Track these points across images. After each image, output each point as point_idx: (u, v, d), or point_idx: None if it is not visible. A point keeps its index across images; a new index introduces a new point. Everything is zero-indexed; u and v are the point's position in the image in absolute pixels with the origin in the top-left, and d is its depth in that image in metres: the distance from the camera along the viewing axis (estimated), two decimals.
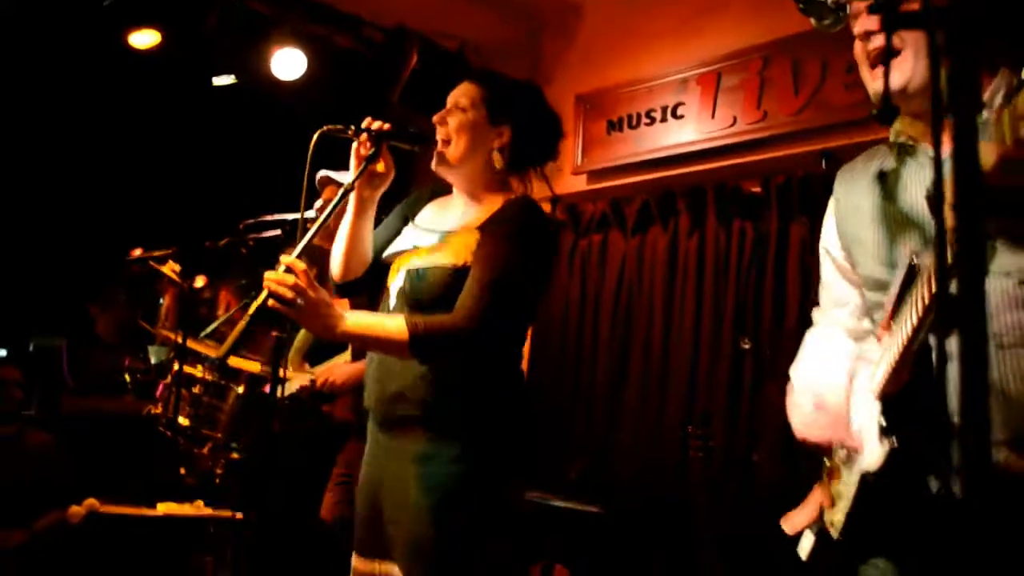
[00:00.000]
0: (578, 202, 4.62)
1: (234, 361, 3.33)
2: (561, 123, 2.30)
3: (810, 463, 1.83)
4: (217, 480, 3.35)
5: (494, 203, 2.15)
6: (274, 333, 2.01)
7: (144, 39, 4.09)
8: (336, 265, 2.26)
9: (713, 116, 4.02)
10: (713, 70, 4.05)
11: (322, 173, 3.37)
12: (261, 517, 3.21)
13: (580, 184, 4.61)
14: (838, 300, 1.82)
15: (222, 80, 4.27)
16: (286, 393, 2.93)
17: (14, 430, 3.93)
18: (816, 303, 1.92)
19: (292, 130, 4.54)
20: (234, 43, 4.21)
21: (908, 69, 1.51)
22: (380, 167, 2.20)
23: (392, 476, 2.07)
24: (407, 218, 2.31)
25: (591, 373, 4.38)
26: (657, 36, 4.38)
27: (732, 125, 3.95)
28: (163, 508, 3.04)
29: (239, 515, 3.06)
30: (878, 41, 1.53)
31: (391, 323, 1.95)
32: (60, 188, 4.72)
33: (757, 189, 3.93)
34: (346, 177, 3.36)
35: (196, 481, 3.36)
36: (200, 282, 4.32)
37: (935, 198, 0.82)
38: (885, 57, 1.05)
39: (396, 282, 2.15)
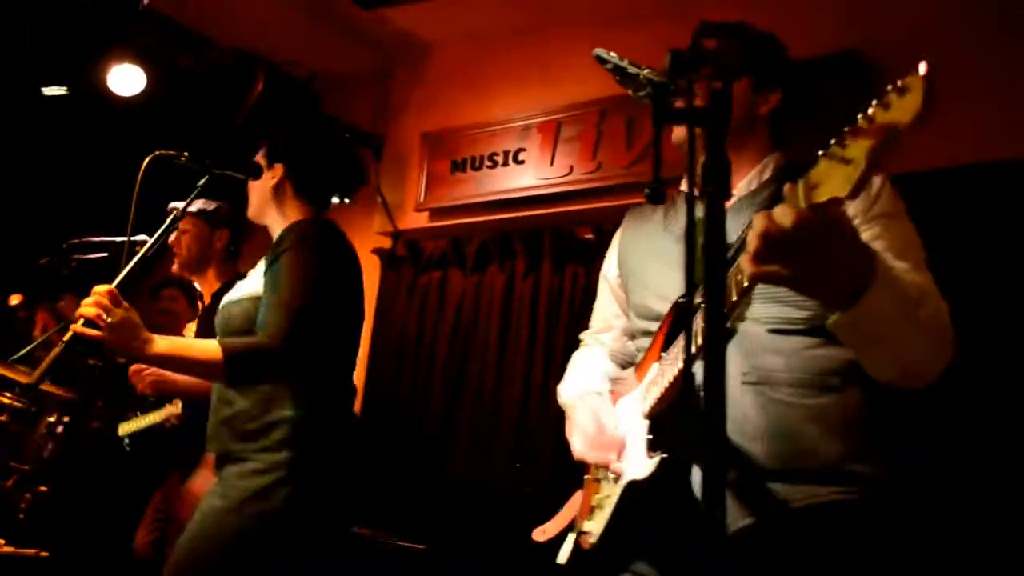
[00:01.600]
0: (420, 238, 4.68)
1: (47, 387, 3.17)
2: (345, 156, 2.48)
3: None
4: (21, 515, 3.15)
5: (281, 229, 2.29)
6: (91, 361, 1.95)
7: None
8: None
9: (552, 163, 4.19)
10: (554, 119, 4.23)
11: (172, 204, 3.28)
12: (69, 554, 3.04)
13: (422, 220, 4.67)
14: (607, 324, 2.05)
15: (53, 90, 4.07)
16: (148, 423, 2.82)
17: None
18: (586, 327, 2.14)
19: (127, 147, 4.42)
20: (70, 52, 4.02)
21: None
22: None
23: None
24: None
25: (425, 407, 4.42)
26: (502, 82, 4.53)
27: (569, 173, 4.13)
28: None
29: (44, 553, 2.89)
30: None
31: (204, 344, 2.02)
32: None
33: (590, 236, 4.11)
34: (194, 206, 3.31)
35: None
36: (15, 300, 4.08)
37: (688, 262, 0.96)
38: (656, 147, 1.18)
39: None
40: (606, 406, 1.81)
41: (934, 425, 2.66)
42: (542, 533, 2.54)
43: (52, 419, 3.19)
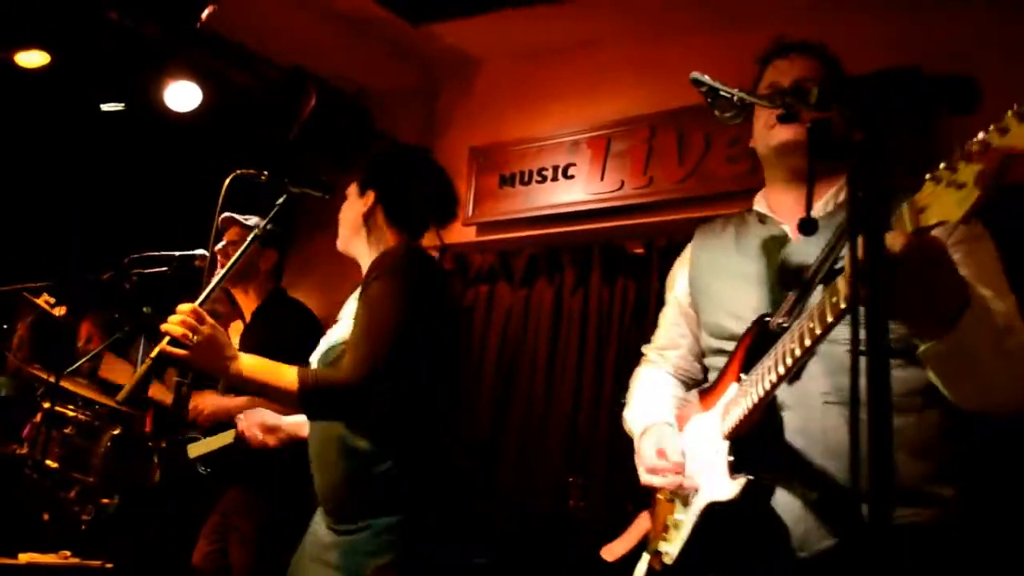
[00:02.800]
0: (467, 252, 4.70)
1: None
2: (439, 183, 2.39)
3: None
4: (83, 527, 3.19)
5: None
6: (175, 379, 1.97)
7: (32, 59, 3.93)
8: None
9: (602, 178, 4.20)
10: (603, 135, 4.24)
11: (227, 214, 3.32)
12: (132, 566, 3.08)
13: (470, 235, 4.70)
14: (673, 342, 2.05)
15: (111, 107, 4.14)
16: (210, 450, 2.85)
17: None
18: (647, 341, 2.14)
19: (183, 162, 4.50)
20: (127, 71, 4.10)
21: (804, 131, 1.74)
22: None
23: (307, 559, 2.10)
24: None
25: (471, 421, 4.43)
26: (552, 97, 4.55)
27: (619, 188, 4.14)
28: (26, 558, 2.86)
29: (109, 564, 2.92)
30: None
31: (286, 371, 1.97)
32: None
33: (640, 250, 4.11)
34: (250, 220, 3.34)
35: (61, 528, 3.19)
36: (59, 311, 4.14)
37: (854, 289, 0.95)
38: (810, 179, 1.19)
39: None
40: (671, 433, 1.82)
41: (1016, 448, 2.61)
42: (610, 552, 2.54)
43: (116, 432, 3.23)
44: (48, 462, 3.14)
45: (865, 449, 1.53)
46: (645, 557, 1.90)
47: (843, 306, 1.31)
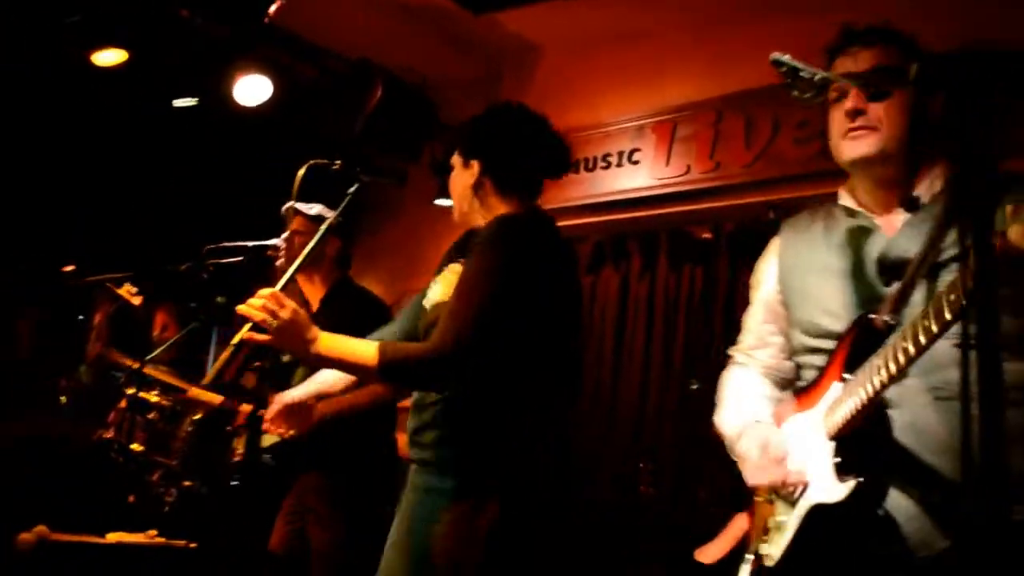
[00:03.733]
0: None
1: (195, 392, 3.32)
2: (541, 131, 2.22)
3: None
4: (166, 508, 3.29)
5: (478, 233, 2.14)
6: (256, 364, 2.01)
7: (108, 57, 4.06)
8: None
9: (668, 163, 4.18)
10: (669, 119, 4.21)
11: (290, 204, 3.37)
12: (212, 547, 3.17)
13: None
14: (762, 341, 1.96)
15: (184, 102, 4.25)
16: (274, 442, 2.92)
17: None
18: (733, 343, 2.06)
19: (254, 155, 4.60)
20: (198, 66, 4.20)
21: (879, 142, 1.70)
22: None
23: (400, 514, 2.07)
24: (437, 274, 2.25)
25: None
26: (615, 83, 4.53)
27: (686, 173, 4.11)
28: (114, 537, 2.97)
29: (192, 544, 3.02)
30: (864, 119, 1.70)
31: (364, 347, 1.94)
32: (8, 204, 4.61)
33: (708, 235, 4.08)
34: (312, 209, 3.40)
35: (147, 509, 3.30)
36: (136, 301, 4.26)
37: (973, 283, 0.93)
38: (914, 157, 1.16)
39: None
40: (771, 430, 1.78)
41: None
42: (705, 555, 2.51)
43: (197, 416, 3.33)
44: (133, 446, 3.26)
45: (978, 445, 1.52)
46: (748, 559, 1.85)
47: (964, 303, 1.28)
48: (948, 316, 1.31)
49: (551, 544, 2.02)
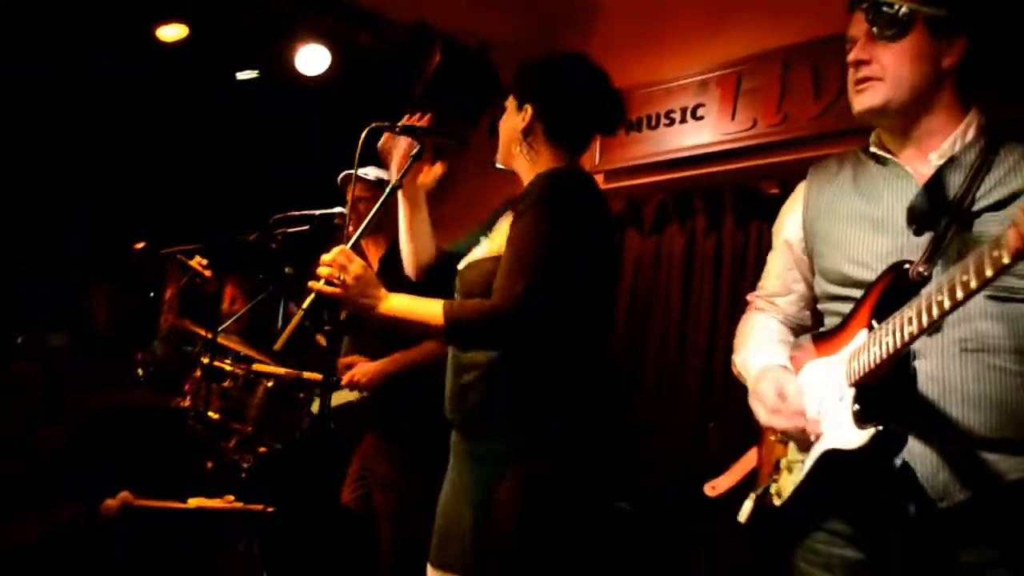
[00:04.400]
0: None
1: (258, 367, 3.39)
2: (600, 83, 2.21)
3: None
4: (243, 474, 3.38)
5: (527, 181, 2.15)
6: (326, 327, 2.04)
7: (171, 32, 4.12)
8: (408, 266, 2.33)
9: (733, 118, 4.07)
10: (733, 72, 4.09)
11: (351, 172, 3.40)
12: (288, 509, 3.25)
13: (598, 183, 4.64)
14: (785, 288, 1.93)
15: (246, 75, 4.30)
16: (345, 401, 2.96)
17: (25, 425, 3.95)
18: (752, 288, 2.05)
19: (317, 125, 4.63)
20: (258, 39, 4.24)
21: (885, 92, 1.67)
22: (431, 166, 2.23)
23: (452, 482, 2.10)
24: (485, 232, 2.27)
25: None
26: (676, 37, 4.42)
27: (752, 127, 4.00)
28: (195, 502, 3.07)
29: (270, 508, 3.10)
30: (866, 71, 1.69)
31: (429, 306, 1.95)
32: (80, 181, 4.74)
33: (776, 191, 3.97)
34: (369, 174, 3.41)
35: (224, 475, 3.40)
36: (207, 273, 4.35)
37: None
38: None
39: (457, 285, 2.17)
40: (788, 376, 1.74)
41: None
42: (712, 488, 2.50)
43: (270, 384, 3.40)
44: (210, 414, 3.34)
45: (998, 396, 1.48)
46: (752, 496, 1.85)
47: (1007, 261, 1.23)
48: (989, 272, 1.25)
49: (600, 508, 2.03)
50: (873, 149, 1.77)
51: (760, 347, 1.90)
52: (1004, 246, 1.22)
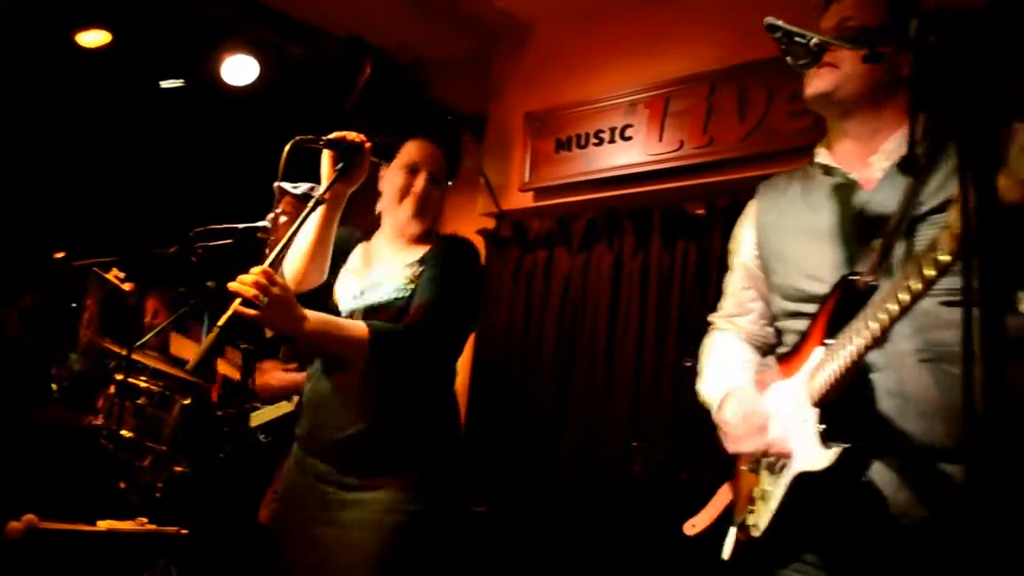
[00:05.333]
0: (524, 218, 4.67)
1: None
2: None
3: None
4: (158, 494, 3.27)
5: (425, 243, 2.35)
6: (243, 345, 1.99)
7: (93, 38, 3.99)
8: (293, 272, 2.25)
9: (660, 139, 4.13)
10: (661, 94, 4.16)
11: (277, 184, 3.33)
12: (203, 531, 3.15)
13: (527, 201, 4.67)
14: (742, 307, 1.94)
15: (170, 83, 4.19)
16: (270, 418, 2.90)
17: None
18: (714, 310, 2.05)
19: (242, 136, 4.54)
20: (184, 47, 4.14)
21: (835, 80, 1.69)
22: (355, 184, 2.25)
23: (330, 516, 2.14)
24: (338, 260, 2.38)
25: (534, 387, 4.42)
26: (607, 58, 4.47)
27: (679, 148, 4.06)
28: (105, 525, 2.94)
29: (184, 531, 3.00)
30: (824, 59, 1.65)
31: (352, 324, 2.10)
32: None
33: (702, 211, 4.03)
34: (299, 189, 3.35)
35: (137, 496, 3.28)
36: (127, 287, 4.23)
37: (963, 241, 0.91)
38: (914, 110, 1.12)
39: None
40: (752, 397, 1.75)
41: None
42: (692, 527, 2.50)
43: (186, 402, 3.30)
44: (123, 432, 3.23)
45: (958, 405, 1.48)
46: (732, 531, 1.84)
47: (946, 260, 1.24)
48: (931, 274, 1.27)
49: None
50: (819, 160, 1.79)
51: (719, 371, 1.90)
52: (941, 248, 1.24)
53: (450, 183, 2.42)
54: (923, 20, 1.02)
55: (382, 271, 2.31)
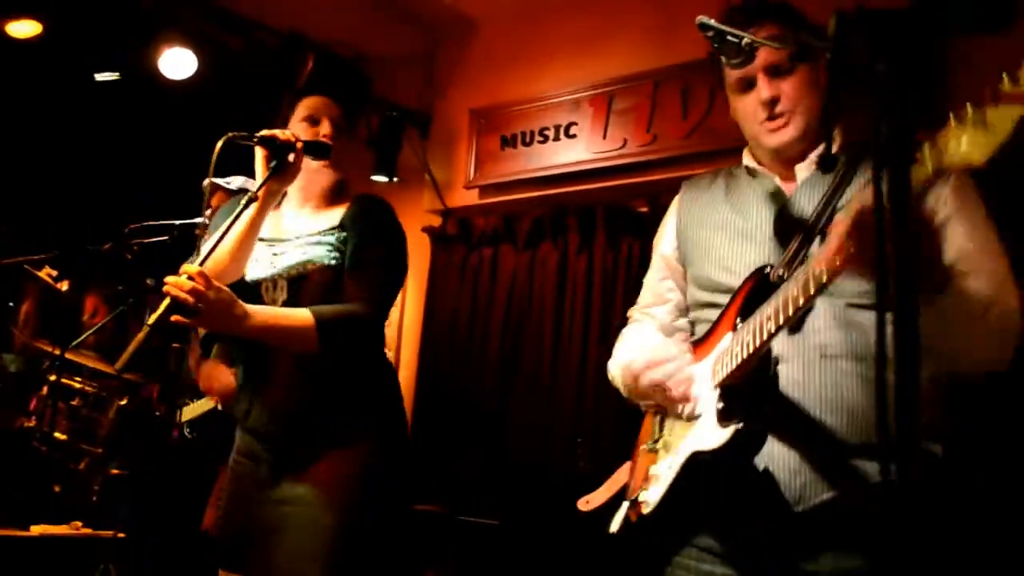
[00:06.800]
0: (470, 216, 4.66)
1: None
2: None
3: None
4: (94, 498, 3.19)
5: (339, 202, 2.30)
6: (174, 345, 1.94)
7: (23, 28, 3.87)
8: (215, 266, 2.14)
9: (605, 137, 4.15)
10: (606, 92, 4.18)
11: (209, 180, 3.28)
12: (142, 534, 3.08)
13: (472, 198, 4.66)
14: (659, 298, 1.97)
15: (105, 76, 4.08)
16: (204, 409, 2.84)
17: None
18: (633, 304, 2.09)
19: (180, 131, 4.45)
20: (121, 39, 4.03)
21: (800, 124, 1.72)
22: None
23: (279, 495, 2.11)
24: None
25: (479, 385, 4.42)
26: (552, 56, 4.48)
27: (623, 146, 4.09)
28: (38, 530, 2.86)
29: (121, 534, 2.93)
30: (781, 107, 1.72)
31: (295, 314, 2.04)
32: None
33: (645, 209, 4.06)
34: (233, 183, 3.30)
35: (72, 499, 3.19)
36: (63, 286, 4.12)
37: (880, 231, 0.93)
38: (827, 121, 1.15)
39: (275, 295, 2.21)
40: (680, 362, 1.73)
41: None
42: (586, 503, 2.52)
43: (123, 402, 3.22)
44: (56, 434, 3.14)
45: (857, 402, 1.54)
46: (624, 506, 1.85)
47: (852, 251, 1.28)
48: (838, 262, 1.30)
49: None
50: (746, 162, 1.84)
51: (638, 347, 1.90)
52: (846, 240, 1.28)
53: (354, 135, 2.40)
54: (841, 17, 1.04)
55: (295, 236, 2.25)
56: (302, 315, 2.03)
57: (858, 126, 1.73)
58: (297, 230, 2.26)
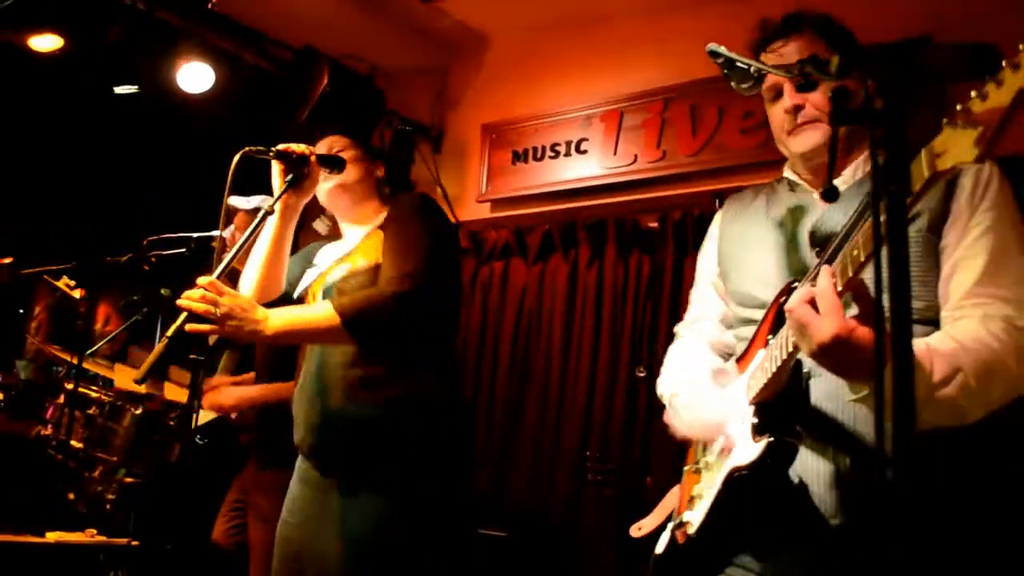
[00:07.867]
0: (481, 229, 4.70)
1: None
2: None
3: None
4: (108, 506, 3.23)
5: (382, 211, 2.31)
6: (191, 356, 1.97)
7: (45, 43, 3.94)
8: (251, 285, 2.23)
9: (615, 153, 4.19)
10: (616, 108, 4.22)
11: (227, 201, 3.33)
12: (155, 543, 3.12)
13: (484, 212, 4.70)
14: (706, 313, 2.00)
15: (124, 89, 4.15)
16: (205, 421, 2.87)
17: None
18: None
19: (197, 144, 4.51)
20: (140, 53, 4.10)
21: (824, 130, 1.74)
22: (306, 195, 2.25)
23: (317, 518, 2.10)
24: (304, 265, 2.37)
25: (490, 398, 4.45)
26: (563, 72, 4.53)
27: (633, 162, 4.13)
28: (54, 536, 2.91)
29: (135, 542, 2.97)
30: (805, 114, 1.75)
31: (317, 310, 2.01)
32: None
33: (655, 224, 4.09)
34: (251, 203, 3.35)
35: (86, 507, 3.23)
36: (78, 294, 4.18)
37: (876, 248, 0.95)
38: (832, 147, 1.18)
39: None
40: (709, 388, 1.79)
41: None
42: (638, 529, 2.54)
43: (138, 411, 3.27)
44: (72, 442, 3.18)
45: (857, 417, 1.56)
46: (669, 527, 1.89)
47: (862, 259, 1.32)
48: (850, 273, 1.34)
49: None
50: (787, 175, 1.88)
51: (680, 367, 1.96)
52: (862, 246, 1.31)
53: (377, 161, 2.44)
54: (843, 56, 1.08)
55: (342, 252, 2.30)
56: (323, 312, 1.98)
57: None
58: (345, 249, 2.31)
